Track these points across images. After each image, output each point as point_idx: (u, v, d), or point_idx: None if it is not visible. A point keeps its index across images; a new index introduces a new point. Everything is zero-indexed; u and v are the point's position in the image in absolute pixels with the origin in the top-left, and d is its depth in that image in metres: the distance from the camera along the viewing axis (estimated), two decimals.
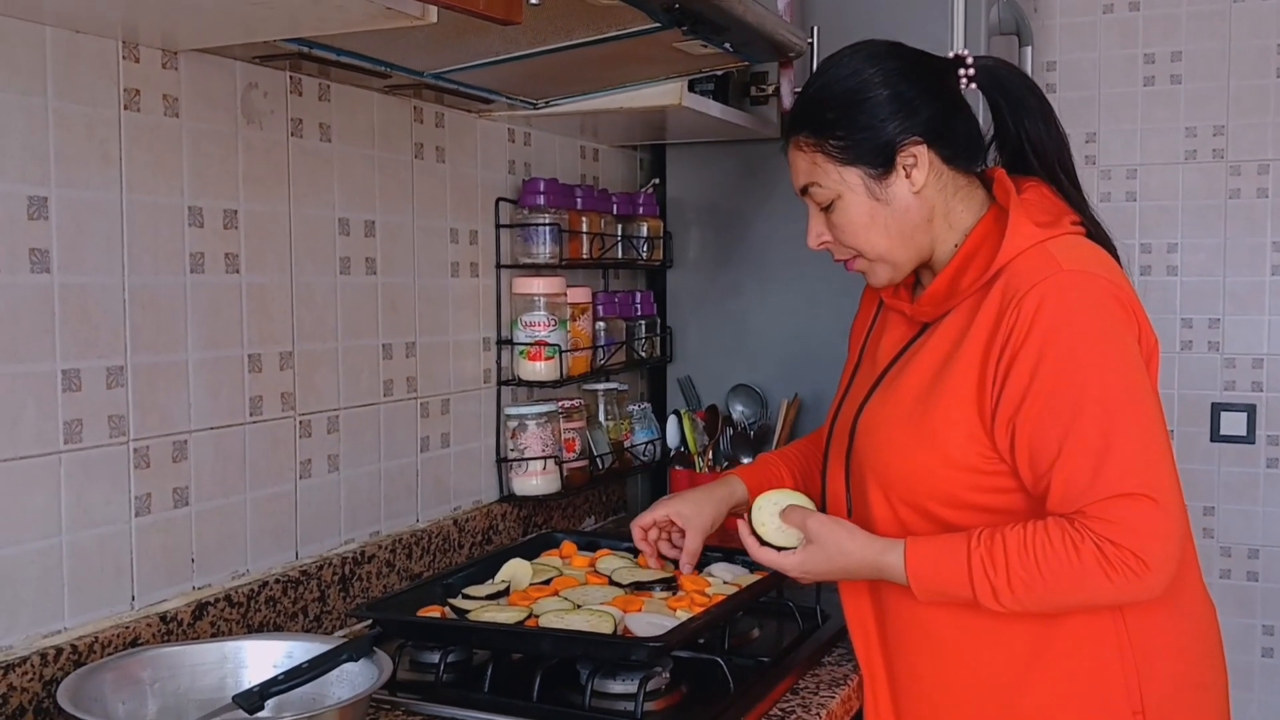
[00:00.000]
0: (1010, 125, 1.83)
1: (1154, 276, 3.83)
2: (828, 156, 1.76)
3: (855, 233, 1.78)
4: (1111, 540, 1.55)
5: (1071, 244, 1.71)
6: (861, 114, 1.74)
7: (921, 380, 1.75)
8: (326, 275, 2.11)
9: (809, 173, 1.79)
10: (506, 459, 2.60)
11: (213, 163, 1.87)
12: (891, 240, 1.77)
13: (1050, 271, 1.64)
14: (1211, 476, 3.79)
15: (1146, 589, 1.57)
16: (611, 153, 3.12)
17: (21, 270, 1.58)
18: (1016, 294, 1.64)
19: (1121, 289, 1.67)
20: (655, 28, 1.94)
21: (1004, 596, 1.60)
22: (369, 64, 1.96)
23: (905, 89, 1.75)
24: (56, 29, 1.61)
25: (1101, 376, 1.60)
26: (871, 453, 1.79)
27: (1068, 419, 1.59)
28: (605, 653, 1.77)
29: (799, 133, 1.79)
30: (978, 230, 1.77)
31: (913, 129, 1.74)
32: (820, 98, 1.78)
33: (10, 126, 1.56)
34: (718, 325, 3.13)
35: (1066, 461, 1.59)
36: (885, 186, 1.75)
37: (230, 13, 1.56)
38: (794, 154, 1.81)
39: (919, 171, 1.75)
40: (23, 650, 1.57)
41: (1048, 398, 1.60)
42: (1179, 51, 3.77)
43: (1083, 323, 1.61)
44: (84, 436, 1.67)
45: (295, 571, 2.01)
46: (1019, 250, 1.68)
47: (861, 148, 1.74)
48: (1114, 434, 1.57)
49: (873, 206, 1.76)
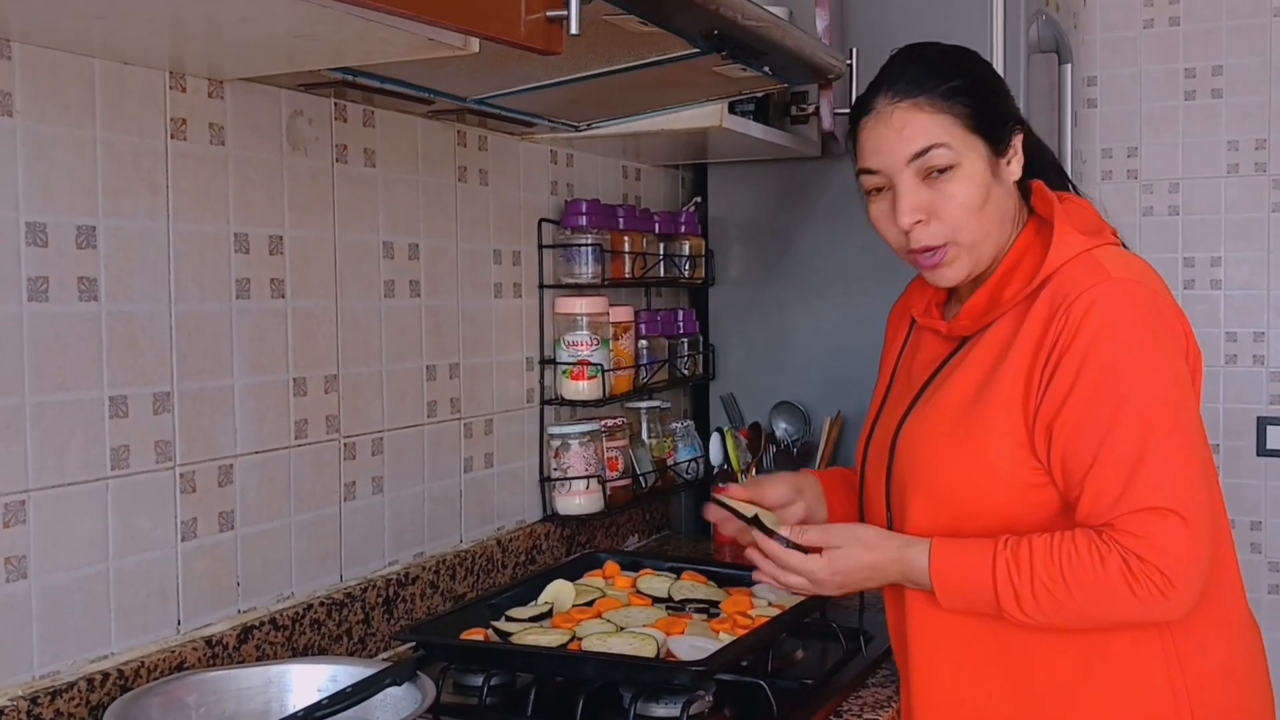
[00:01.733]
0: None
1: (1198, 290, 3.81)
2: (958, 120, 1.68)
3: (970, 205, 1.68)
4: (1138, 555, 1.53)
5: (1117, 254, 1.69)
6: (989, 88, 1.73)
7: (964, 394, 1.71)
8: (371, 299, 2.13)
9: (931, 133, 1.67)
10: (550, 478, 2.61)
11: (258, 190, 1.89)
12: (992, 224, 1.71)
13: (1100, 279, 1.61)
14: (1258, 491, 3.76)
15: (1171, 608, 1.56)
16: (653, 172, 3.14)
17: (70, 299, 1.60)
18: (1065, 300, 1.61)
19: (1170, 302, 1.67)
20: (695, 53, 1.95)
21: (1026, 603, 1.58)
22: (412, 91, 1.97)
23: (1003, 81, 1.78)
24: (105, 61, 1.64)
25: (1141, 388, 1.58)
26: (913, 470, 1.76)
27: (1104, 428, 1.57)
28: (648, 676, 1.78)
29: (922, 93, 1.68)
30: (1019, 241, 1.75)
31: (1017, 117, 1.75)
32: (946, 64, 1.72)
33: (60, 159, 1.59)
34: (760, 342, 3.13)
35: (1100, 471, 1.58)
36: (999, 166, 1.71)
37: (276, 44, 1.58)
38: (908, 115, 1.68)
39: (1017, 161, 1.73)
40: (70, 676, 1.59)
41: (1086, 404, 1.58)
42: (1220, 65, 3.75)
43: (1129, 332, 1.60)
44: (131, 462, 1.69)
45: (340, 594, 2.02)
46: (1067, 258, 1.66)
47: (991, 119, 1.70)
48: (1150, 448, 1.56)
49: (990, 183, 1.69)
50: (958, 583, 1.64)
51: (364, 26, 1.39)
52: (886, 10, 2.85)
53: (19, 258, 1.54)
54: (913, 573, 1.69)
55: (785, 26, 2.03)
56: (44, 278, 1.57)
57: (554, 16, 1.47)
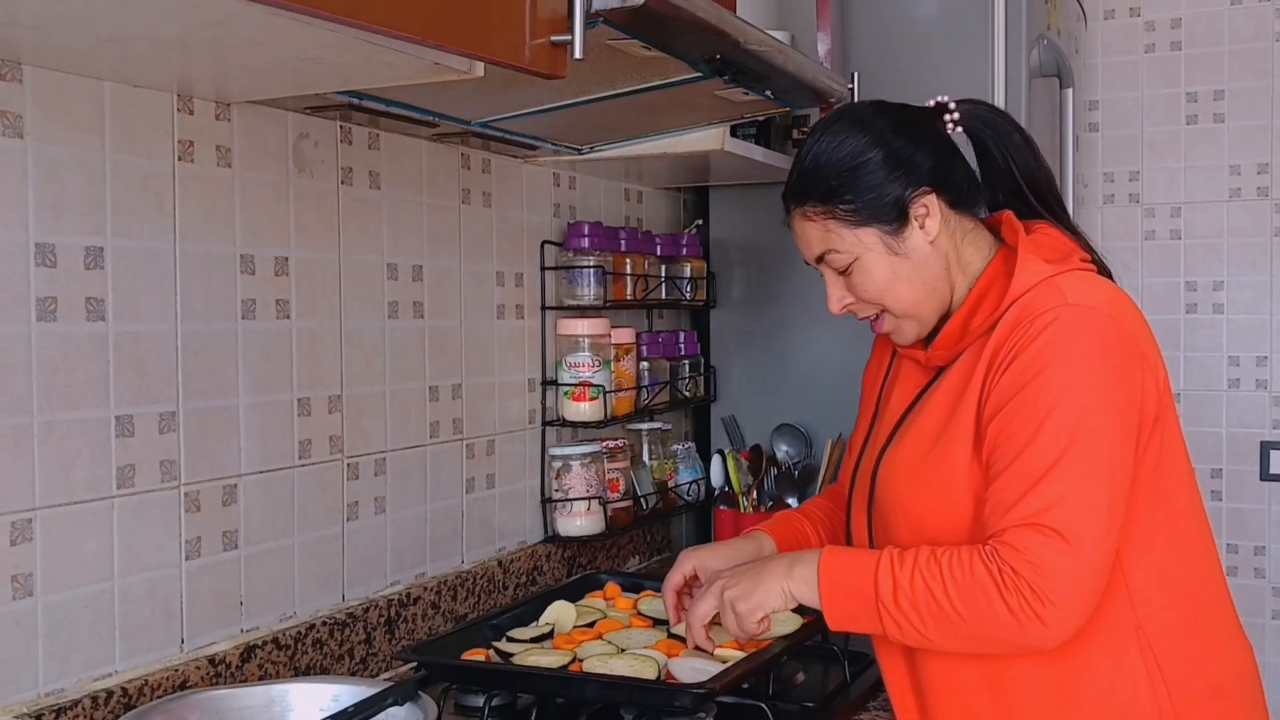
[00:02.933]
0: (1000, 162, 1.82)
1: (1200, 314, 3.82)
2: (840, 221, 1.74)
3: (880, 290, 1.75)
4: (1013, 567, 1.53)
5: (1081, 280, 1.69)
6: (865, 175, 1.72)
7: (937, 421, 1.73)
8: (375, 319, 2.14)
9: (823, 240, 1.76)
10: (551, 499, 2.61)
11: (264, 211, 1.90)
12: (916, 294, 1.75)
13: (1058, 303, 1.63)
14: (1262, 516, 3.77)
15: (1045, 632, 1.54)
16: (655, 194, 3.15)
17: (78, 319, 1.61)
18: (1023, 320, 1.63)
19: (1125, 328, 1.64)
20: (697, 77, 1.97)
21: (903, 597, 1.58)
22: (418, 114, 1.99)
23: (902, 144, 1.74)
24: (115, 84, 1.65)
25: (1070, 409, 1.58)
26: (892, 502, 1.77)
27: (1024, 441, 1.58)
28: (649, 698, 1.78)
29: (804, 203, 1.77)
30: (987, 272, 1.76)
31: (919, 180, 1.73)
32: (819, 167, 1.75)
33: (69, 180, 1.60)
34: (762, 365, 3.14)
35: (1003, 481, 1.59)
36: (902, 240, 1.74)
37: (283, 67, 1.59)
38: (802, 224, 1.78)
39: (932, 220, 1.74)
40: (74, 694, 1.60)
41: (1012, 417, 1.60)
42: (1221, 90, 3.77)
43: (1072, 354, 1.60)
44: (136, 481, 1.70)
45: (342, 614, 2.03)
46: (1029, 285, 1.68)
47: (873, 207, 1.72)
48: (1058, 467, 1.56)
49: (893, 262, 1.74)
50: (842, 577, 1.65)
51: (370, 50, 1.41)
52: (888, 34, 2.87)
53: (28, 278, 1.55)
54: (800, 567, 1.70)
55: (787, 51, 2.05)
56: (52, 298, 1.58)
57: (558, 41, 1.49)
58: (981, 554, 1.57)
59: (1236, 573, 3.75)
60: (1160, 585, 1.66)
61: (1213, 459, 3.81)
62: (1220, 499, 3.80)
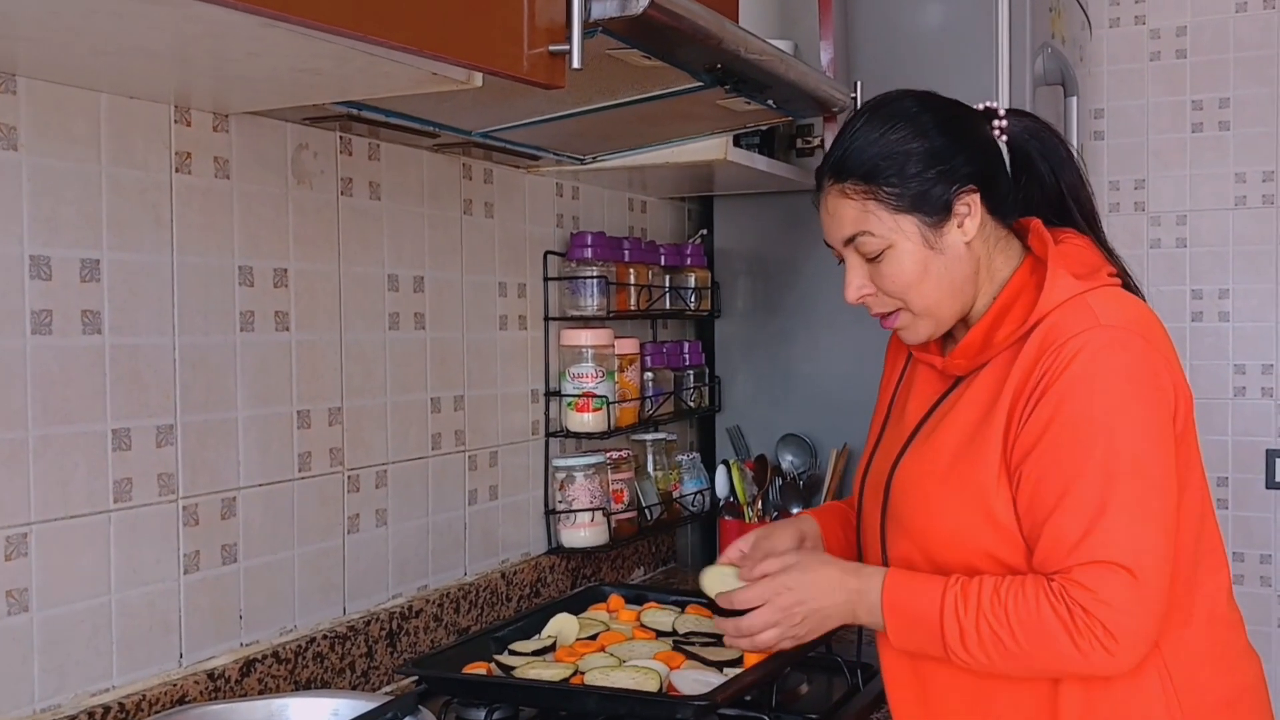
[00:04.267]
0: (1047, 176, 1.79)
1: (1205, 323, 3.80)
2: (881, 204, 1.68)
3: (908, 284, 1.71)
4: (1084, 607, 1.52)
5: (1110, 297, 1.67)
6: (917, 160, 1.68)
7: (959, 435, 1.70)
8: (375, 331, 2.13)
9: (858, 221, 1.70)
10: (554, 510, 2.60)
11: (263, 223, 1.89)
12: (942, 292, 1.71)
13: (1089, 324, 1.60)
14: (1268, 524, 3.75)
15: (1114, 664, 1.54)
16: (659, 204, 3.14)
17: (74, 332, 1.61)
18: (1054, 342, 1.61)
19: (1157, 347, 1.63)
20: (699, 86, 1.96)
21: (969, 639, 1.58)
22: (418, 124, 1.98)
23: (955, 138, 1.71)
24: (111, 96, 1.64)
25: (1113, 439, 1.56)
26: (909, 512, 1.75)
27: (1070, 475, 1.56)
28: (651, 711, 1.77)
29: (845, 179, 1.70)
30: (1014, 282, 1.73)
31: (968, 177, 1.69)
32: (870, 144, 1.70)
33: (65, 193, 1.59)
34: (766, 374, 3.13)
35: (1059, 519, 1.56)
36: (940, 235, 1.69)
37: (280, 79, 1.58)
38: (837, 202, 1.72)
39: (971, 221, 1.70)
40: (71, 709, 1.59)
41: (1056, 448, 1.58)
42: (1227, 98, 3.76)
43: (1109, 381, 1.58)
44: (134, 495, 1.69)
45: (342, 627, 2.02)
46: (1058, 302, 1.65)
47: (918, 195, 1.68)
48: (1111, 500, 1.54)
49: (927, 256, 1.69)
50: (908, 610, 1.64)
51: (368, 61, 1.40)
52: (892, 43, 2.86)
53: (23, 291, 1.54)
54: (864, 591, 1.68)
55: (789, 60, 2.04)
56: (48, 311, 1.57)
57: (556, 51, 1.48)
58: (1049, 593, 1.55)
59: (1243, 580, 3.74)
60: (1178, 602, 1.63)
61: (1218, 467, 3.79)
62: (1226, 507, 3.78)
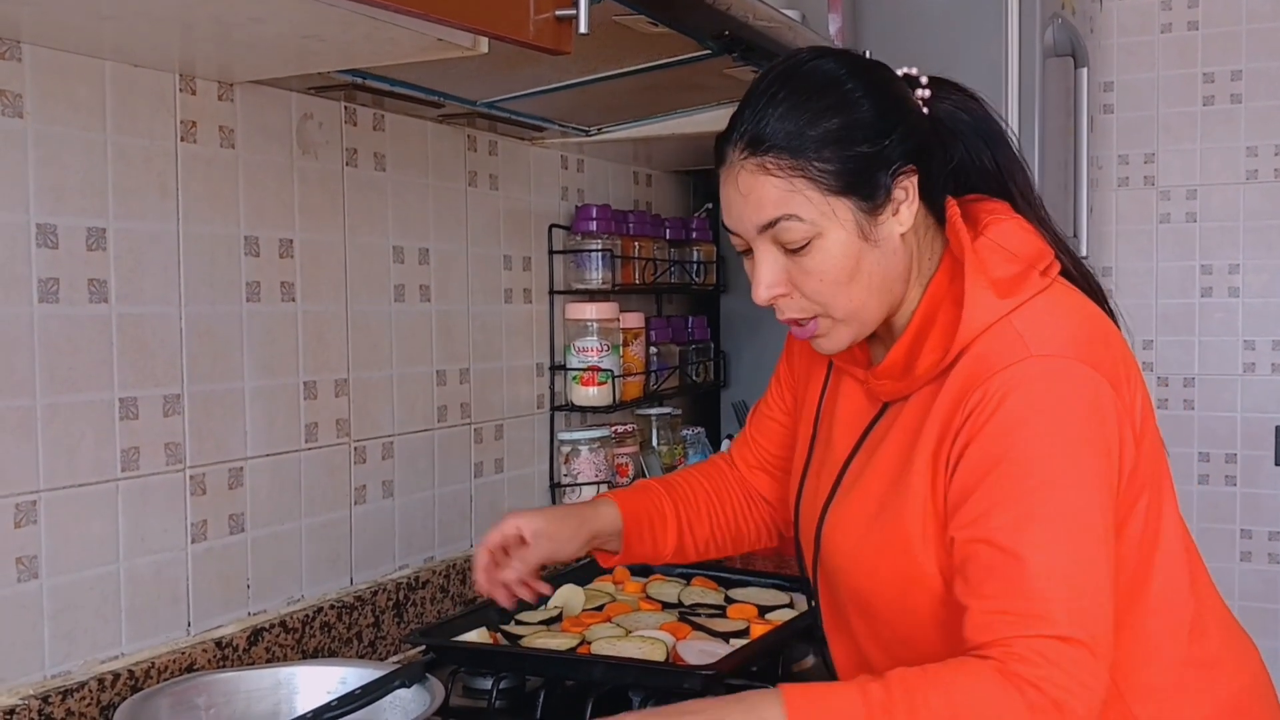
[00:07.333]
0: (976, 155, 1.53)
1: (1215, 298, 3.79)
2: (812, 183, 1.38)
3: (835, 281, 1.42)
4: (1035, 685, 1.28)
5: (1041, 312, 1.41)
6: (851, 132, 1.39)
7: (883, 479, 1.47)
8: (381, 303, 2.13)
9: (782, 203, 1.39)
10: (559, 484, 2.60)
11: (268, 193, 1.89)
12: (871, 293, 1.43)
13: (1017, 357, 1.36)
14: (1276, 500, 3.74)
15: None
16: (665, 177, 3.13)
17: (80, 301, 1.60)
18: (980, 379, 1.37)
19: (1099, 363, 1.38)
20: (706, 54, 1.95)
21: None
22: (422, 94, 1.98)
23: (890, 107, 1.42)
24: (116, 63, 1.64)
25: (1055, 491, 1.34)
26: (839, 566, 1.54)
27: (1011, 536, 1.33)
28: (657, 680, 1.77)
29: (765, 152, 1.39)
30: (932, 290, 1.47)
31: (904, 155, 1.41)
32: (795, 110, 1.39)
33: (70, 161, 1.59)
34: (772, 349, 3.10)
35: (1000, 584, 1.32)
36: (876, 224, 1.41)
37: (285, 45, 1.58)
38: (754, 179, 1.40)
39: (908, 208, 1.43)
40: (81, 675, 1.59)
41: (991, 504, 1.34)
42: (1239, 70, 3.74)
43: (1042, 426, 1.35)
44: (141, 464, 1.69)
45: (350, 597, 2.02)
46: (980, 329, 1.39)
47: (856, 174, 1.39)
48: (1058, 565, 1.32)
49: (860, 249, 1.41)
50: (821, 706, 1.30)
51: (372, 26, 1.40)
52: (900, 13, 2.85)
53: (30, 259, 1.54)
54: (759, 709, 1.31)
55: (797, 28, 2.03)
56: (54, 279, 1.57)
57: (563, 16, 1.48)
58: (999, 674, 1.28)
59: (1251, 558, 3.72)
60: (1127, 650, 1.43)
61: (1227, 444, 3.78)
62: (1234, 484, 3.77)
